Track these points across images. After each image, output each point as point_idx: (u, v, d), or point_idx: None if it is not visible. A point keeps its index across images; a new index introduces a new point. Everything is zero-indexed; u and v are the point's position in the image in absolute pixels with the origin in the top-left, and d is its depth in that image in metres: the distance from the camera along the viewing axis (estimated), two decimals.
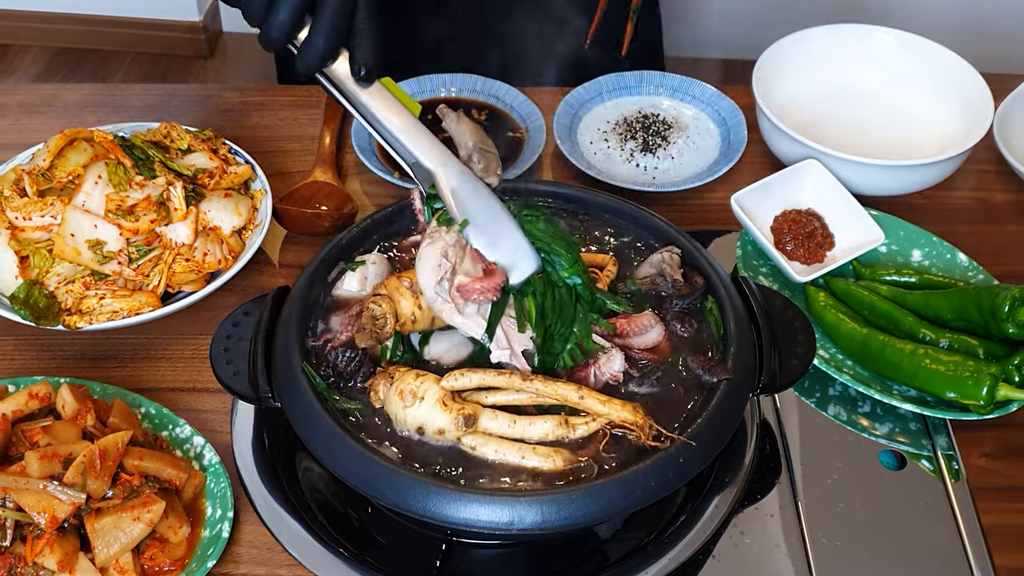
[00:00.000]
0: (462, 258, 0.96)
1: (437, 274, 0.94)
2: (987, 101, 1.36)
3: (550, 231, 1.01)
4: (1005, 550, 1.03)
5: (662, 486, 0.89)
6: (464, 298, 0.94)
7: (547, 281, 0.98)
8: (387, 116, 0.99)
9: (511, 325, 0.95)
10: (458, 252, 0.96)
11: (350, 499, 1.03)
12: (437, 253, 0.96)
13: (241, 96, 1.55)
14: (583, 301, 0.98)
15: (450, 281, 0.94)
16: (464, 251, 0.97)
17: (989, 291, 1.14)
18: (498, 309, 0.95)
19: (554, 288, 0.98)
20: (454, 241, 0.97)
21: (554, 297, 0.98)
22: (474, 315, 0.95)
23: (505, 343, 0.94)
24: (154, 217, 1.19)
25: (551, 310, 0.97)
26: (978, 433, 1.13)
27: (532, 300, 0.96)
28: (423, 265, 0.96)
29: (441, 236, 0.97)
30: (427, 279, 0.95)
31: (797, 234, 1.27)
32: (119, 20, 3.47)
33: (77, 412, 1.03)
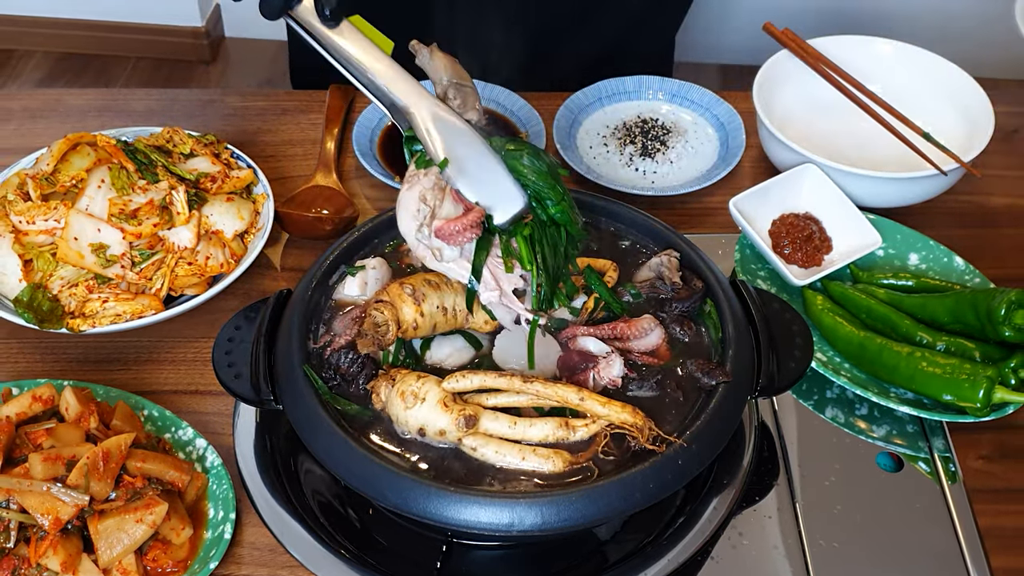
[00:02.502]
0: (441, 201, 0.91)
1: (417, 220, 0.89)
2: (987, 111, 1.36)
3: (536, 166, 0.94)
4: (1002, 552, 1.03)
5: (661, 488, 0.89)
6: (444, 241, 0.88)
7: (536, 219, 0.93)
8: (358, 56, 0.95)
9: (500, 267, 0.90)
10: (437, 195, 0.90)
11: (351, 500, 1.04)
12: (415, 197, 0.91)
13: (243, 101, 1.56)
14: (572, 240, 0.93)
15: (429, 226, 0.90)
16: (444, 193, 0.91)
17: (986, 294, 1.15)
18: (482, 250, 0.90)
19: (544, 226, 0.93)
20: (432, 184, 0.92)
21: (545, 235, 0.92)
22: (458, 259, 0.89)
23: (493, 284, 0.89)
24: (157, 221, 1.20)
25: (543, 247, 0.91)
26: (975, 435, 1.14)
27: (522, 239, 0.90)
28: (402, 211, 0.91)
29: (419, 180, 0.92)
30: (407, 226, 0.90)
31: (795, 238, 1.28)
32: (122, 25, 3.48)
33: (80, 415, 1.04)
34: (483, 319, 1.01)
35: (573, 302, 1.04)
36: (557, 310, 0.92)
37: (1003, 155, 1.49)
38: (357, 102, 1.55)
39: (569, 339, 1.00)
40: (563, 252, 0.92)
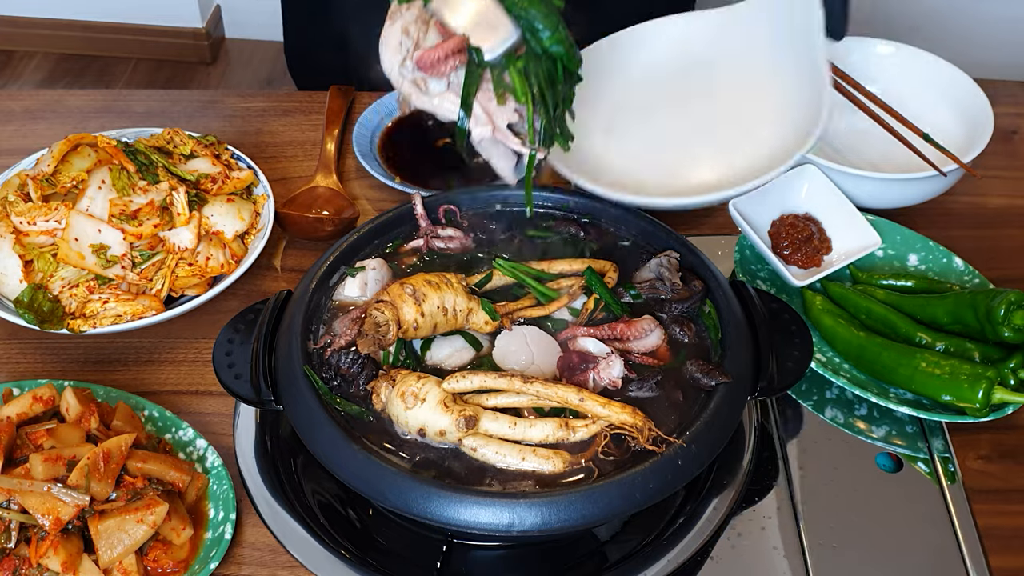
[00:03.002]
0: (425, 33, 0.86)
1: (400, 54, 0.85)
2: (987, 113, 1.36)
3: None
4: (1000, 552, 1.04)
5: (661, 488, 0.90)
6: (427, 72, 0.83)
7: (530, 51, 0.86)
8: None
9: (492, 100, 0.85)
10: (420, 27, 0.86)
11: (351, 501, 1.04)
12: (397, 31, 0.86)
13: (243, 102, 1.57)
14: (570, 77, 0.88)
15: (412, 59, 0.85)
16: (427, 26, 0.86)
17: (985, 295, 1.15)
18: (471, 81, 0.84)
19: (539, 59, 0.87)
20: (415, 17, 0.87)
21: (541, 68, 0.86)
22: (445, 93, 0.84)
23: (485, 119, 0.84)
24: (157, 222, 1.20)
25: (539, 79, 0.85)
26: (974, 436, 1.14)
27: (515, 71, 0.85)
28: (384, 47, 0.86)
29: (401, 14, 0.87)
30: (389, 61, 0.85)
31: (794, 239, 1.28)
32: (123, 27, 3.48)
33: (81, 415, 1.04)
34: (483, 320, 1.01)
35: (573, 303, 1.04)
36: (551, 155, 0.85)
37: (1002, 156, 1.49)
38: (357, 103, 1.55)
39: (569, 340, 1.01)
40: (559, 89, 0.86)
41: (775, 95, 0.99)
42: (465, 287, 1.02)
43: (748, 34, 0.98)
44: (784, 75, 0.94)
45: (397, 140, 1.49)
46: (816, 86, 0.91)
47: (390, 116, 1.51)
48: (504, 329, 1.01)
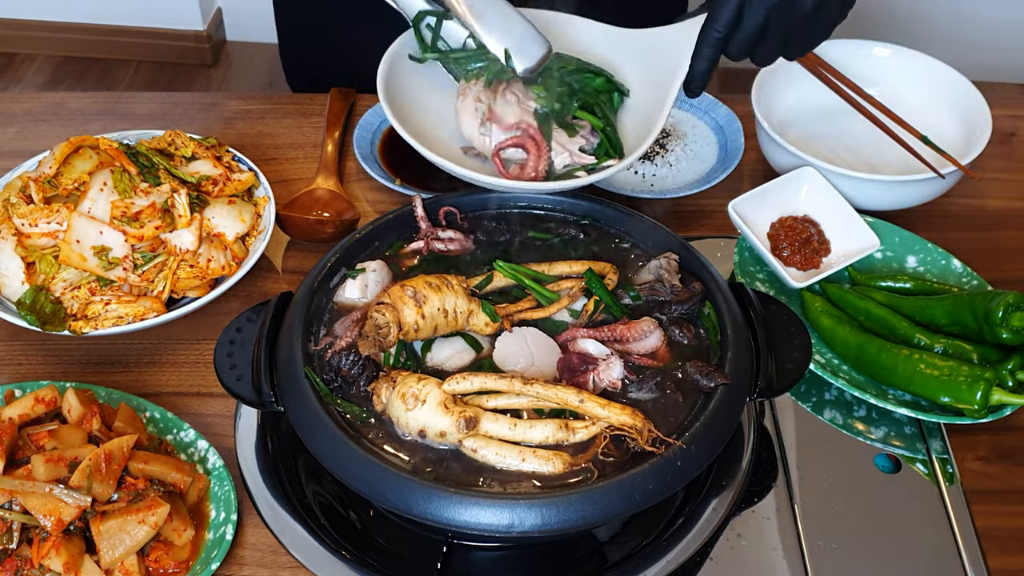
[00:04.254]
0: (494, 98, 1.04)
1: (477, 117, 1.04)
2: (985, 115, 1.37)
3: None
4: (999, 552, 1.04)
5: (660, 489, 0.90)
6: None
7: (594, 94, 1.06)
8: None
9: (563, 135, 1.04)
10: (489, 95, 1.04)
11: (352, 502, 1.04)
12: (471, 100, 1.04)
13: (245, 104, 1.57)
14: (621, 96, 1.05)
15: (489, 119, 1.04)
16: (495, 93, 1.04)
17: (983, 297, 1.15)
18: (546, 131, 1.04)
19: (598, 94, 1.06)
20: (482, 88, 1.06)
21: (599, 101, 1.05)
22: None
23: (563, 150, 1.02)
24: (159, 224, 1.20)
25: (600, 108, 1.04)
26: (972, 437, 1.14)
27: (582, 112, 1.04)
28: (463, 115, 1.04)
29: (470, 89, 1.05)
30: (470, 125, 1.04)
31: (793, 240, 1.29)
32: (124, 29, 3.49)
33: (83, 416, 1.04)
34: (484, 321, 1.02)
35: (573, 304, 1.05)
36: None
37: (1000, 158, 1.50)
38: (358, 105, 1.55)
39: (569, 341, 1.01)
40: (614, 114, 1.06)
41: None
42: (465, 289, 1.03)
43: (626, 59, 1.12)
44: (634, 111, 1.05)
45: (398, 142, 1.49)
46: (648, 128, 1.06)
47: None
48: (504, 331, 1.02)
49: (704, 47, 1.02)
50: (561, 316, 1.05)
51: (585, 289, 1.05)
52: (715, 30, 1.01)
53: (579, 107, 1.04)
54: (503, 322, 1.02)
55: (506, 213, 1.15)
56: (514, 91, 1.04)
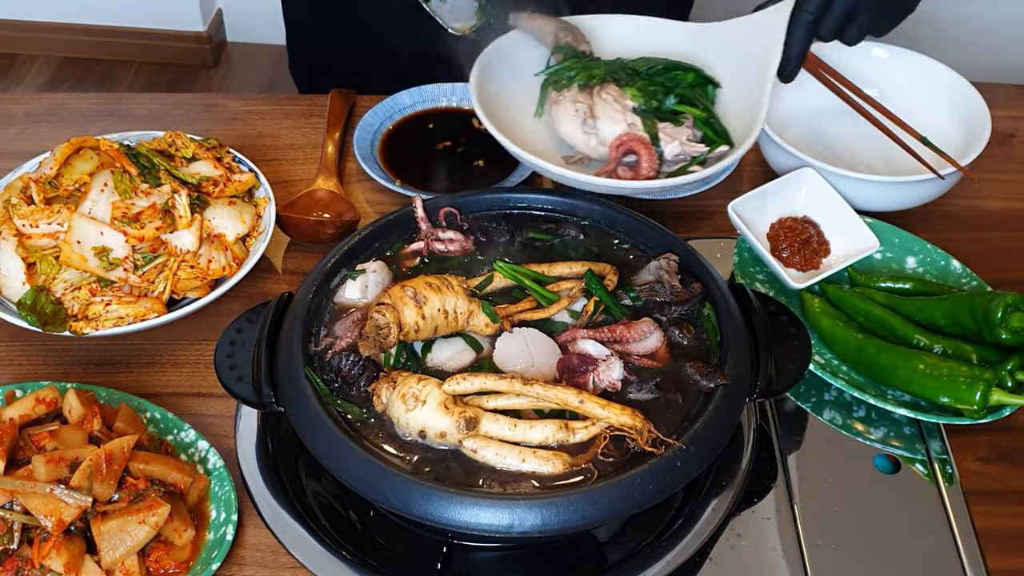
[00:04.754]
0: (591, 100, 1.05)
1: (578, 117, 1.04)
2: (984, 116, 1.37)
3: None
4: (998, 553, 1.04)
5: (660, 490, 0.90)
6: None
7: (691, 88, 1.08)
8: None
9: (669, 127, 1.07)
10: (585, 97, 1.06)
11: (352, 502, 1.04)
12: (569, 103, 1.05)
13: (245, 105, 1.57)
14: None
15: (588, 118, 1.05)
16: (590, 95, 1.06)
17: (983, 297, 1.15)
18: (649, 126, 1.07)
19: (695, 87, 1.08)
20: (576, 93, 1.07)
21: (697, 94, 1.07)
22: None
23: (672, 139, 1.04)
24: (159, 224, 1.21)
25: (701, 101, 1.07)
26: (972, 437, 1.14)
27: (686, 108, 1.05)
28: (562, 120, 1.05)
29: (563, 95, 1.07)
30: (570, 127, 1.05)
31: (793, 241, 1.29)
32: (125, 30, 3.50)
33: (83, 417, 1.04)
34: (484, 322, 1.02)
35: (573, 305, 1.05)
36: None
37: (1000, 159, 1.50)
38: (358, 106, 1.56)
39: (569, 342, 1.01)
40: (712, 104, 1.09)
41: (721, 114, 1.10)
42: (466, 290, 1.03)
43: (713, 52, 1.11)
44: (731, 102, 1.05)
45: (398, 143, 1.49)
46: (752, 118, 1.05)
47: (391, 119, 1.52)
48: (504, 331, 1.02)
49: (797, 30, 1.03)
50: (561, 317, 1.05)
51: (585, 290, 1.06)
52: (807, 12, 1.02)
53: (678, 101, 1.05)
54: (503, 323, 1.02)
55: (506, 214, 1.15)
56: (610, 92, 1.05)
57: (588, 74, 1.06)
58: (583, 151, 1.05)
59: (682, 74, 1.07)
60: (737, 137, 1.02)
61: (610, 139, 1.03)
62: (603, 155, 1.04)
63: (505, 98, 1.09)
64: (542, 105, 1.08)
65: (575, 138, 1.05)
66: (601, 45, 1.12)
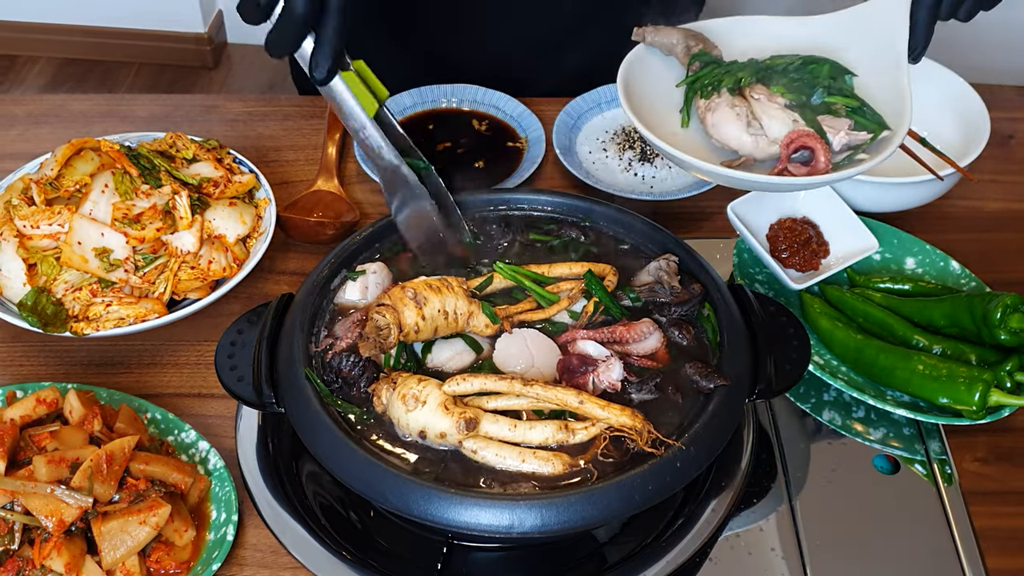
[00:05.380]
0: (747, 105, 1.03)
1: (741, 120, 1.02)
2: (983, 117, 1.37)
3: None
4: (997, 553, 1.04)
5: (660, 490, 0.90)
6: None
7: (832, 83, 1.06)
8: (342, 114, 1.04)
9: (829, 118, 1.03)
10: (742, 101, 1.04)
11: (353, 503, 1.04)
12: (726, 108, 1.03)
13: (245, 106, 1.58)
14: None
15: (752, 120, 1.03)
16: (743, 98, 1.04)
17: (982, 298, 1.16)
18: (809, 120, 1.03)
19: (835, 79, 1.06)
20: (729, 97, 1.05)
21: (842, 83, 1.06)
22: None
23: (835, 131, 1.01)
24: (160, 225, 1.21)
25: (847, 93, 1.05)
26: (971, 438, 1.15)
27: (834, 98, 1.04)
28: (722, 125, 1.03)
29: (715, 103, 1.04)
30: (731, 130, 1.02)
31: (792, 242, 1.29)
32: (125, 32, 3.50)
33: (84, 417, 1.04)
34: (484, 323, 1.02)
35: (573, 306, 1.05)
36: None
37: (999, 160, 1.50)
38: None
39: (569, 343, 1.01)
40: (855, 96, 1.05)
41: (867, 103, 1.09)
42: (466, 291, 1.03)
43: (838, 43, 1.10)
44: (870, 89, 1.05)
45: None
46: (899, 103, 1.03)
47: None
48: (504, 332, 1.02)
49: (920, 11, 1.04)
50: (561, 317, 1.05)
51: (585, 291, 1.06)
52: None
53: (828, 93, 1.04)
54: (503, 324, 1.02)
55: (507, 215, 1.15)
56: (759, 92, 1.04)
57: (734, 77, 1.05)
58: (750, 153, 1.02)
59: (818, 67, 1.05)
60: (891, 121, 1.01)
61: (779, 138, 1.00)
62: (771, 155, 1.02)
63: (647, 114, 1.06)
64: (688, 115, 1.06)
65: (741, 141, 1.02)
66: (727, 49, 1.10)
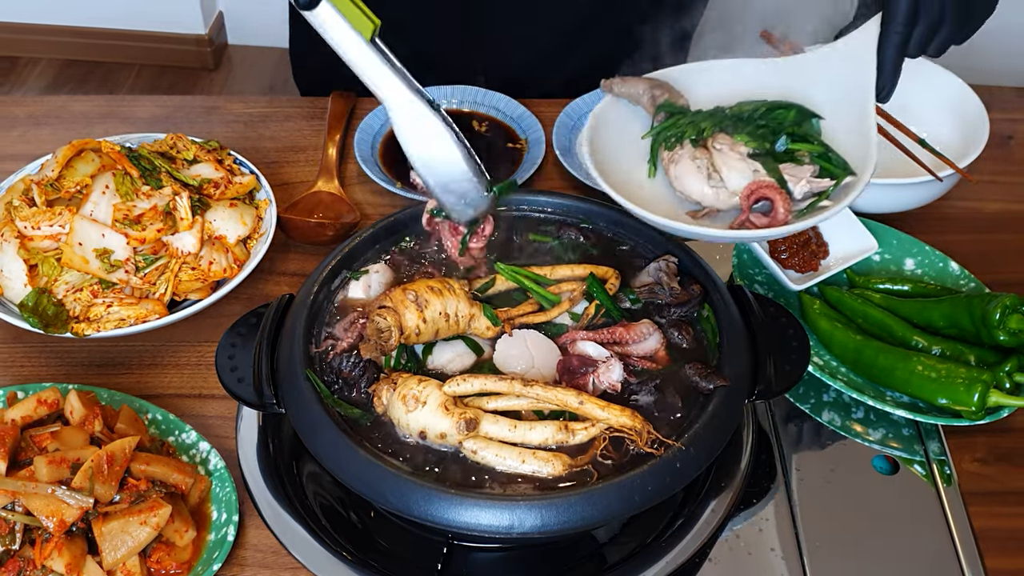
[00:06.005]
0: (709, 156, 1.03)
1: (702, 173, 1.02)
2: (982, 118, 1.37)
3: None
4: (996, 553, 1.04)
5: (659, 491, 0.90)
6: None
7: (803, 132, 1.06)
8: (333, 44, 0.95)
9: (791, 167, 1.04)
10: (704, 154, 1.03)
11: (353, 503, 1.05)
12: (687, 160, 1.03)
13: (246, 107, 1.58)
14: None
15: (712, 172, 1.03)
16: (706, 150, 1.04)
17: (981, 299, 1.16)
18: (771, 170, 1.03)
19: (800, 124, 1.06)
20: (691, 149, 1.05)
21: (808, 128, 1.06)
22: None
23: (796, 180, 1.02)
24: (160, 226, 1.21)
25: (814, 138, 1.04)
26: (970, 438, 1.15)
27: (800, 146, 1.04)
28: (685, 178, 1.03)
29: (678, 155, 1.04)
30: (694, 184, 1.02)
31: (792, 243, 1.29)
32: (126, 33, 3.50)
33: (85, 418, 1.05)
34: (485, 325, 1.02)
35: (574, 307, 1.05)
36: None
37: (998, 161, 1.51)
38: (359, 108, 1.56)
39: (569, 344, 1.01)
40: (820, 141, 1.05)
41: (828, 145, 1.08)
42: (467, 293, 1.03)
43: (806, 86, 1.07)
44: (836, 132, 1.03)
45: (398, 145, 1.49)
46: (865, 145, 1.02)
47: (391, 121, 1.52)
48: (504, 333, 1.02)
49: (888, 50, 1.01)
50: (561, 319, 1.05)
51: (586, 293, 1.06)
52: (895, 32, 1.00)
53: (791, 140, 1.03)
54: (504, 326, 1.02)
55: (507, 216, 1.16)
56: (721, 142, 1.04)
57: (697, 128, 1.05)
58: (712, 205, 1.03)
59: (784, 112, 1.05)
60: (855, 165, 1.00)
61: (739, 189, 1.00)
62: (734, 205, 1.02)
63: (616, 165, 1.06)
64: (655, 165, 1.07)
65: (703, 194, 1.02)
66: (693, 96, 1.10)
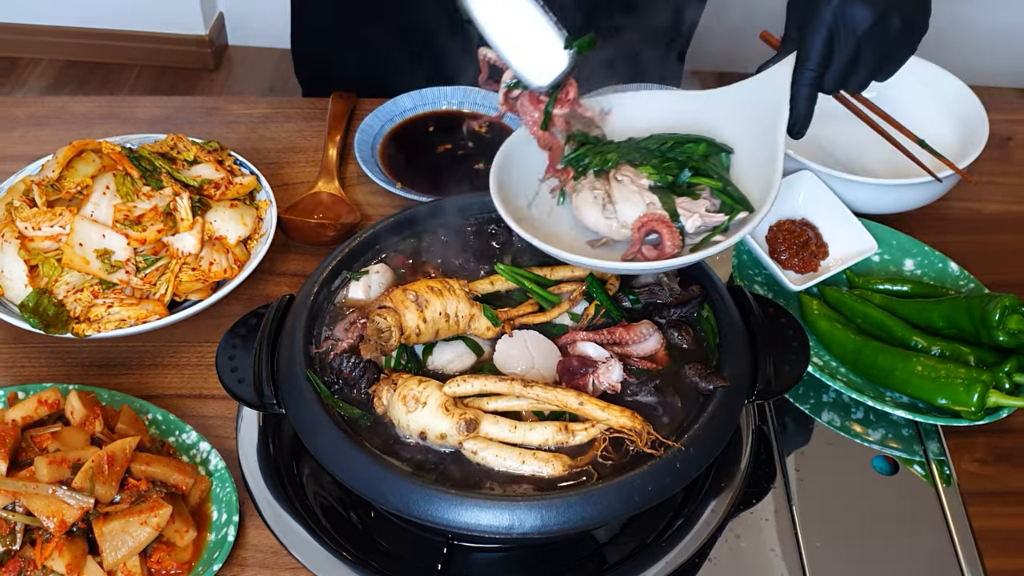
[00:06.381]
0: (608, 185, 1.04)
1: (598, 204, 1.03)
2: (982, 119, 1.37)
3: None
4: (995, 553, 1.04)
5: (659, 491, 0.90)
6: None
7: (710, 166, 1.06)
8: None
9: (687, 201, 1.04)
10: (602, 183, 1.04)
11: (353, 503, 1.05)
12: (587, 190, 1.04)
13: (246, 108, 1.58)
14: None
15: (607, 203, 1.03)
16: (607, 180, 1.04)
17: (980, 300, 1.16)
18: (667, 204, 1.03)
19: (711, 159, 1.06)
20: (592, 180, 1.05)
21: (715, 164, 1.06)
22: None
23: (689, 214, 1.02)
24: (161, 227, 1.21)
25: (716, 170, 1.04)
26: (969, 439, 1.15)
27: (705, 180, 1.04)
28: (583, 208, 1.04)
29: (580, 186, 1.05)
30: (593, 216, 1.03)
31: (791, 244, 1.29)
32: (127, 34, 3.50)
33: (85, 418, 1.05)
34: (485, 325, 1.02)
35: (574, 308, 1.05)
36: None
37: (997, 162, 1.51)
38: (359, 109, 1.56)
39: (569, 344, 1.02)
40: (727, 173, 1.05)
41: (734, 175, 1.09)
42: (467, 293, 1.03)
43: (720, 119, 1.10)
44: (746, 165, 1.04)
45: (399, 146, 1.50)
46: (769, 180, 1.03)
47: (391, 122, 1.52)
48: (504, 334, 1.02)
49: (801, 88, 1.02)
50: (561, 319, 1.05)
51: (586, 293, 1.06)
52: (808, 70, 1.01)
53: (693, 174, 1.04)
54: (504, 326, 1.02)
55: None
56: (625, 173, 1.04)
57: (603, 159, 1.05)
58: (607, 235, 1.04)
59: (693, 146, 1.06)
60: (756, 199, 1.01)
61: (631, 222, 1.01)
62: (627, 237, 1.03)
63: (525, 194, 1.07)
64: (564, 194, 1.07)
65: (598, 224, 1.04)
66: (610, 124, 1.11)
